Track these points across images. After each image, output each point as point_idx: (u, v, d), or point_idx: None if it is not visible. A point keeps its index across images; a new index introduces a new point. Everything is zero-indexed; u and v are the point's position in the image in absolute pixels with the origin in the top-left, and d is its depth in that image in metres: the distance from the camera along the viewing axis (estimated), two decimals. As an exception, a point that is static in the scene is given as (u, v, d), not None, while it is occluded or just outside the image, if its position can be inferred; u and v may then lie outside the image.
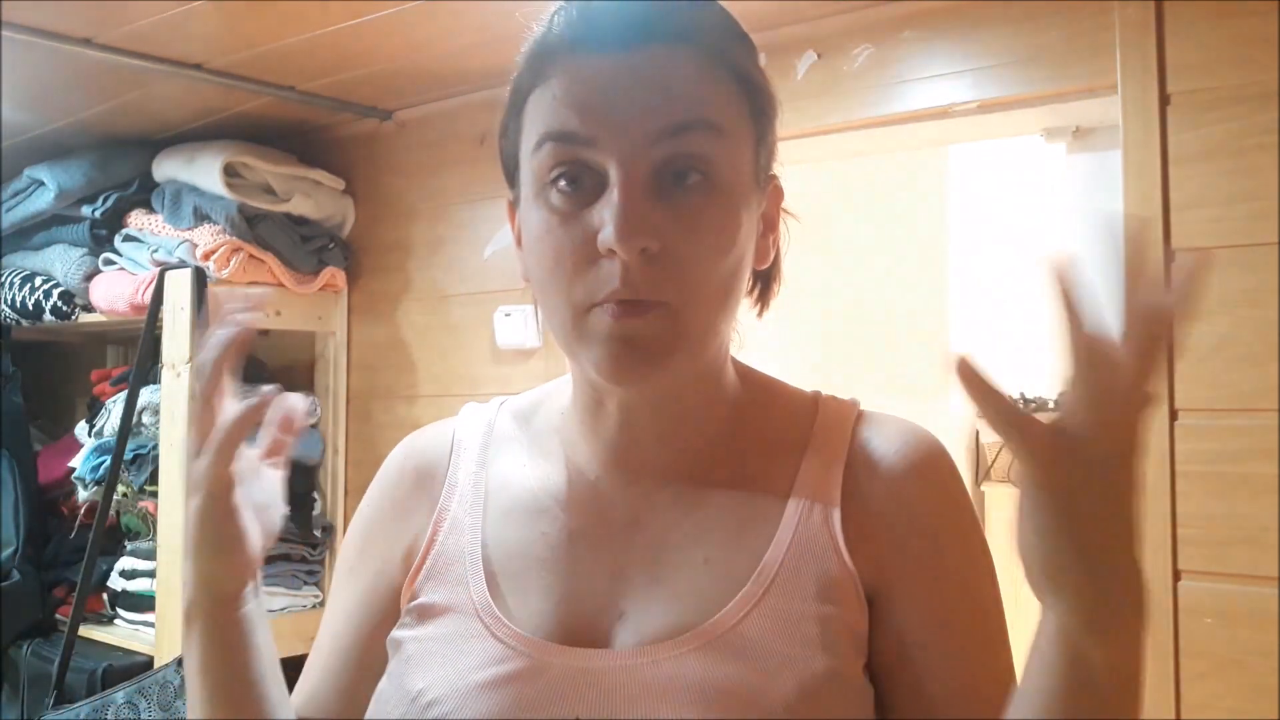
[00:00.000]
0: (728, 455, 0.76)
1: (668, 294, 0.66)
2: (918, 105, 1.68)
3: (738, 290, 0.72)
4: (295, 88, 2.09)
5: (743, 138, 0.69)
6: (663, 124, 0.65)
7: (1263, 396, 1.37)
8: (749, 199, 0.70)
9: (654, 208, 0.65)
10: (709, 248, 0.67)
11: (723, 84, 0.68)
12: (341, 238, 2.39)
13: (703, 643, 0.68)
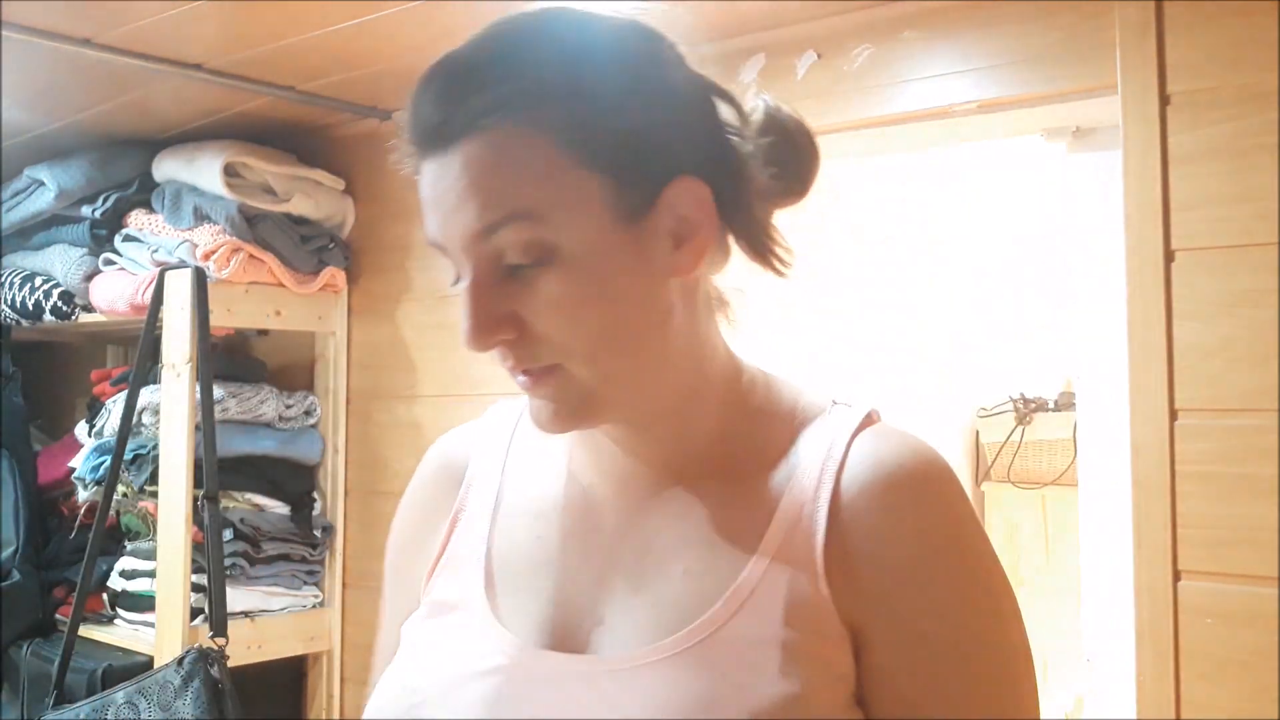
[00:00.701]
0: (719, 467, 0.73)
1: (555, 358, 0.68)
2: (918, 105, 1.68)
3: (639, 331, 0.68)
4: (295, 88, 2.09)
5: (579, 195, 0.65)
6: (475, 229, 0.66)
7: (1263, 396, 1.37)
8: (610, 248, 0.66)
9: (503, 298, 0.67)
10: (569, 318, 0.66)
11: (536, 153, 0.65)
12: (341, 238, 2.39)
13: (663, 658, 0.67)
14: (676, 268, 0.69)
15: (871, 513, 0.68)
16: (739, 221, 0.73)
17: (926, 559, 0.68)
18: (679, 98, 0.70)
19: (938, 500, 0.70)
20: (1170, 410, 1.43)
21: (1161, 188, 1.44)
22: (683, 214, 0.68)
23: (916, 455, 0.71)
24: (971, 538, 0.70)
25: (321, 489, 2.39)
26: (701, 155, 0.70)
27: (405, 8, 1.67)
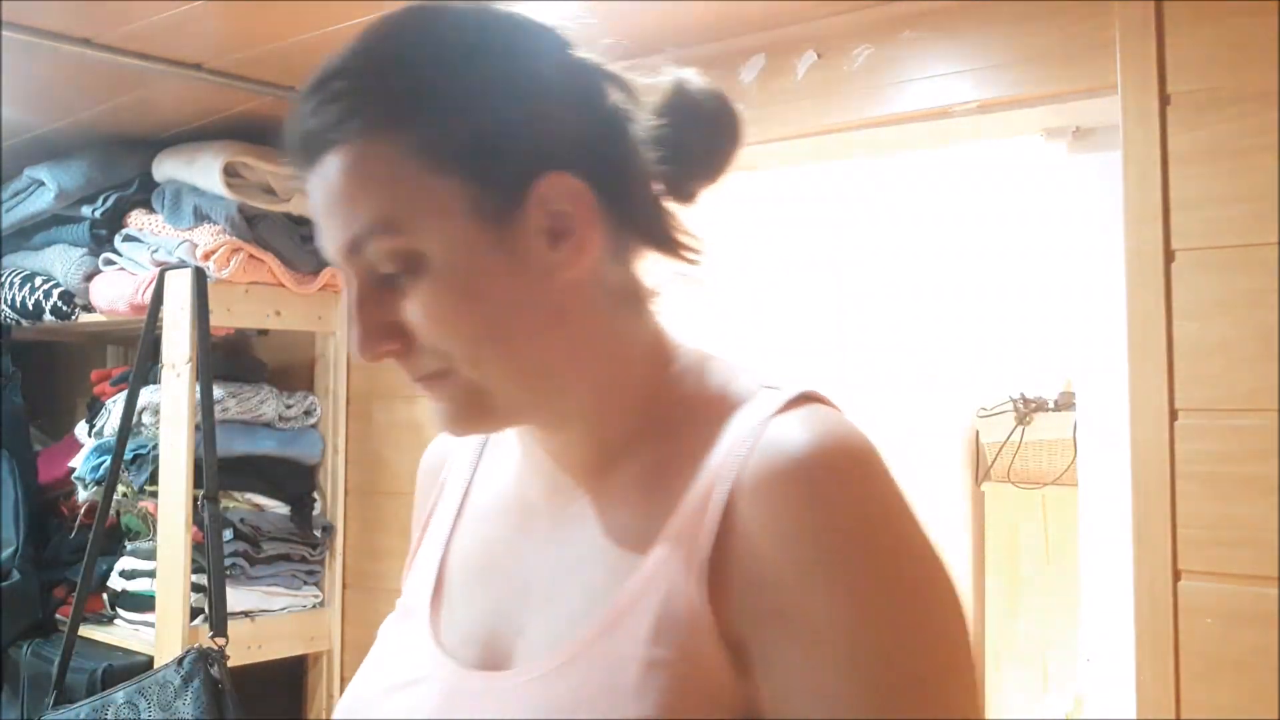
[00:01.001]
0: (641, 466, 0.69)
1: (441, 364, 0.66)
2: (918, 105, 1.68)
3: (524, 333, 0.66)
4: (295, 88, 2.09)
5: (437, 201, 0.63)
6: (343, 243, 0.65)
7: (1263, 396, 1.37)
8: (478, 251, 0.64)
9: (384, 309, 0.65)
10: (445, 325, 0.65)
11: (389, 163, 0.63)
12: (341, 238, 2.39)
13: (532, 678, 0.65)
14: (558, 265, 0.66)
15: (762, 510, 0.61)
16: (628, 212, 0.69)
17: (822, 562, 0.59)
18: (548, 89, 0.67)
19: (840, 491, 0.61)
20: (1170, 410, 1.43)
21: (1161, 188, 1.44)
22: (556, 210, 0.65)
23: (823, 440, 0.62)
24: (881, 532, 0.61)
25: (321, 489, 2.39)
26: (577, 147, 0.66)
27: (405, 8, 1.67)
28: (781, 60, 1.81)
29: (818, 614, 0.59)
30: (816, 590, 0.59)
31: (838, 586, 0.59)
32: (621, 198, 0.68)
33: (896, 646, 0.59)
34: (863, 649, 0.58)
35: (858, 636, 0.58)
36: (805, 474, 0.61)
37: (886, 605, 0.59)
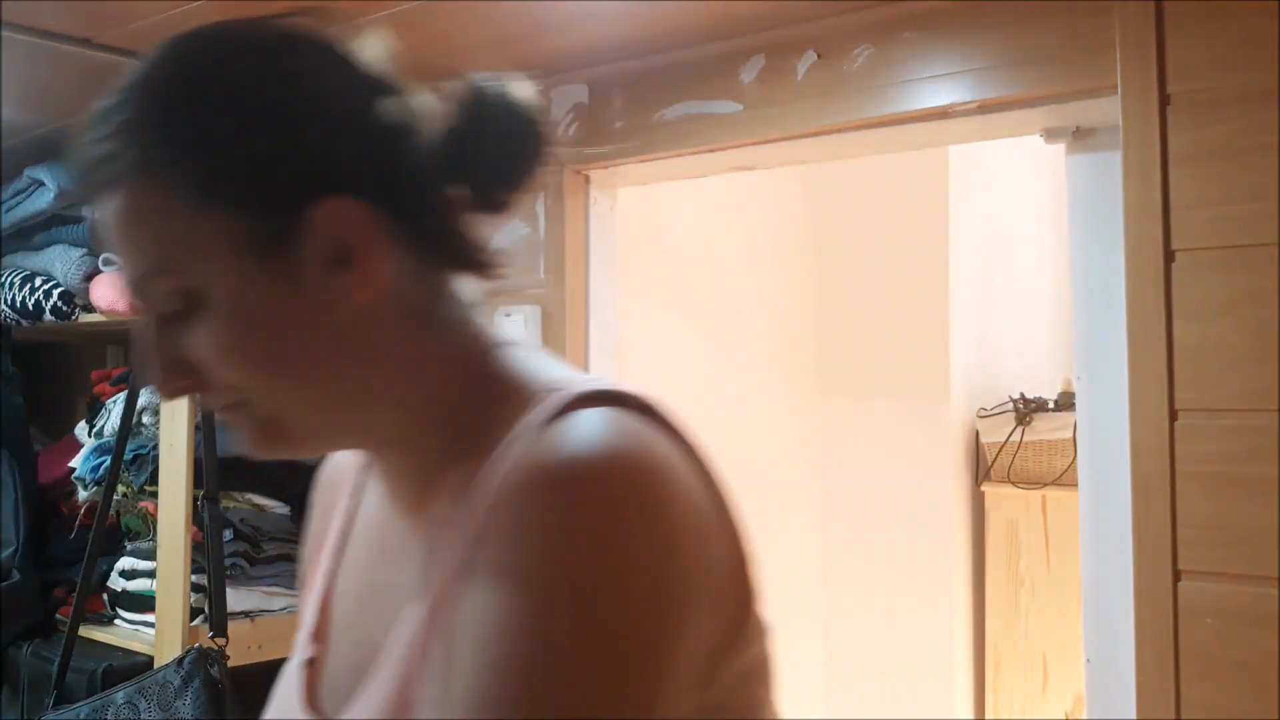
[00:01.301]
0: (451, 488, 0.65)
1: (234, 396, 0.65)
2: (918, 105, 1.68)
3: (312, 363, 0.64)
4: (295, 88, 2.09)
5: (205, 237, 0.62)
6: (129, 284, 0.66)
7: (1263, 396, 1.37)
8: (255, 285, 0.62)
9: (175, 348, 0.64)
10: (229, 360, 0.63)
11: (154, 203, 0.62)
12: (341, 238, 2.39)
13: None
14: (343, 292, 0.63)
15: (494, 521, 0.58)
16: (420, 231, 0.66)
17: (508, 571, 0.56)
18: (319, 113, 0.64)
19: (552, 509, 0.56)
20: (1170, 410, 1.42)
21: (1161, 188, 1.44)
22: (335, 236, 0.62)
23: (563, 455, 0.58)
24: (575, 559, 0.55)
25: (321, 489, 2.39)
26: (356, 170, 0.64)
27: (405, 8, 1.66)
28: (781, 60, 1.81)
29: (485, 620, 0.56)
30: (493, 594, 0.56)
31: (511, 597, 0.56)
32: (411, 217, 0.65)
33: (532, 681, 0.54)
34: (496, 672, 0.55)
35: (497, 656, 0.55)
36: (530, 486, 0.57)
37: (545, 631, 0.55)
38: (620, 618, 0.55)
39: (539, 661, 0.54)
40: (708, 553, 0.61)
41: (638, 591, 0.56)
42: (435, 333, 0.68)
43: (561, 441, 0.59)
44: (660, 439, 0.62)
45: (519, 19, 1.75)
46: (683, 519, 0.59)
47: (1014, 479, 2.89)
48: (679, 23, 1.80)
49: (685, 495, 0.60)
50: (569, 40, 1.87)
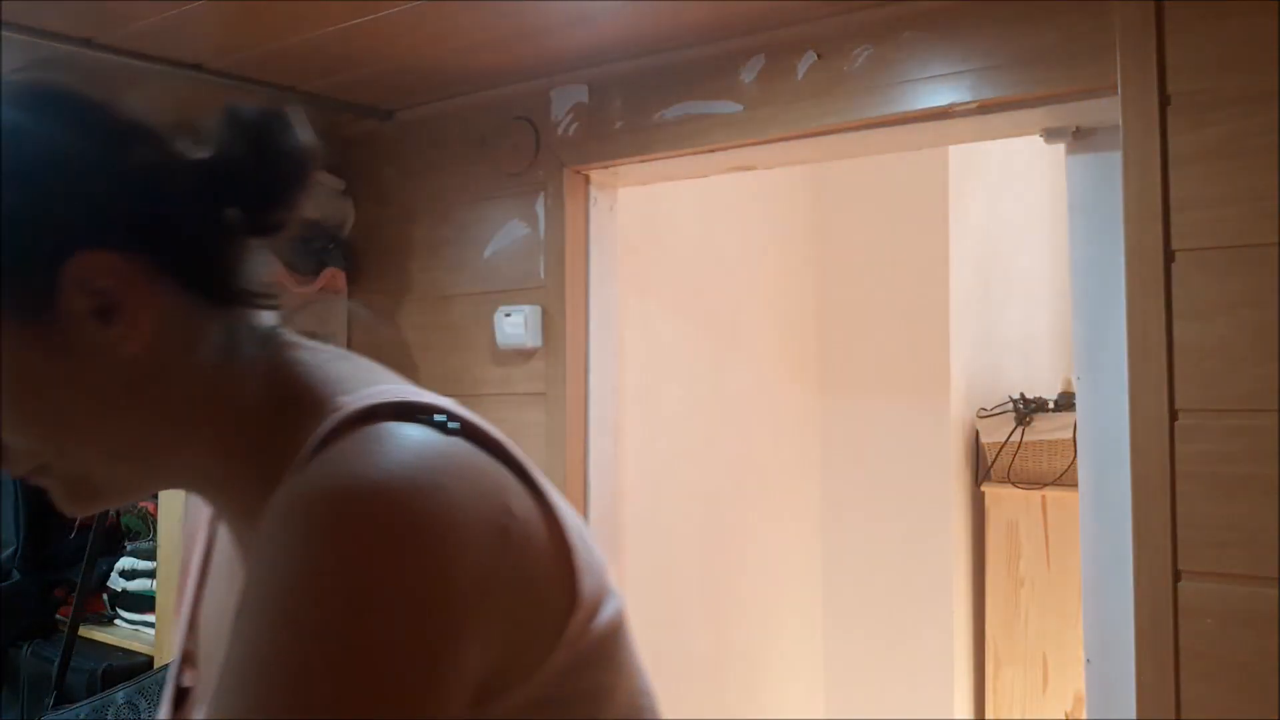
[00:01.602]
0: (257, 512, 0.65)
1: (36, 459, 0.64)
2: (918, 105, 1.68)
3: (97, 416, 0.63)
4: (295, 88, 2.09)
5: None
6: None
7: (1263, 396, 1.37)
8: (21, 348, 0.61)
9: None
10: (14, 426, 0.62)
11: None
12: (341, 238, 2.39)
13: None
14: (113, 344, 0.62)
15: (257, 548, 0.58)
16: (186, 273, 0.64)
17: (251, 595, 0.57)
18: (64, 168, 0.62)
19: (309, 531, 0.56)
20: (1170, 410, 1.43)
21: (1161, 188, 1.44)
22: (96, 289, 0.61)
23: (312, 481, 0.58)
24: (321, 587, 0.55)
25: (321, 489, 2.39)
26: (108, 218, 0.62)
27: (405, 8, 1.67)
28: (781, 60, 1.81)
29: (231, 642, 0.56)
30: (239, 613, 0.57)
31: (249, 617, 0.56)
32: (178, 259, 0.64)
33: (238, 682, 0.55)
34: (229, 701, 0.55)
35: (229, 683, 0.55)
36: (279, 514, 0.57)
37: (251, 637, 0.55)
38: (358, 640, 0.54)
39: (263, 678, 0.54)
40: (498, 567, 0.60)
41: (383, 613, 0.55)
42: (227, 367, 0.67)
43: (320, 468, 0.58)
44: (447, 449, 0.61)
45: (519, 19, 1.75)
46: (449, 538, 0.57)
47: (1014, 479, 2.89)
48: (679, 23, 1.80)
49: (459, 512, 0.58)
50: (569, 40, 1.87)
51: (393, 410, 0.62)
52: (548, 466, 2.05)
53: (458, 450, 0.61)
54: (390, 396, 0.63)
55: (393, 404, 0.63)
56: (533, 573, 0.62)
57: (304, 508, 0.56)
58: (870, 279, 3.07)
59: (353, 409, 0.62)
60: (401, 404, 0.63)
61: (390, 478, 0.57)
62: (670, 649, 2.55)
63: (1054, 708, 2.83)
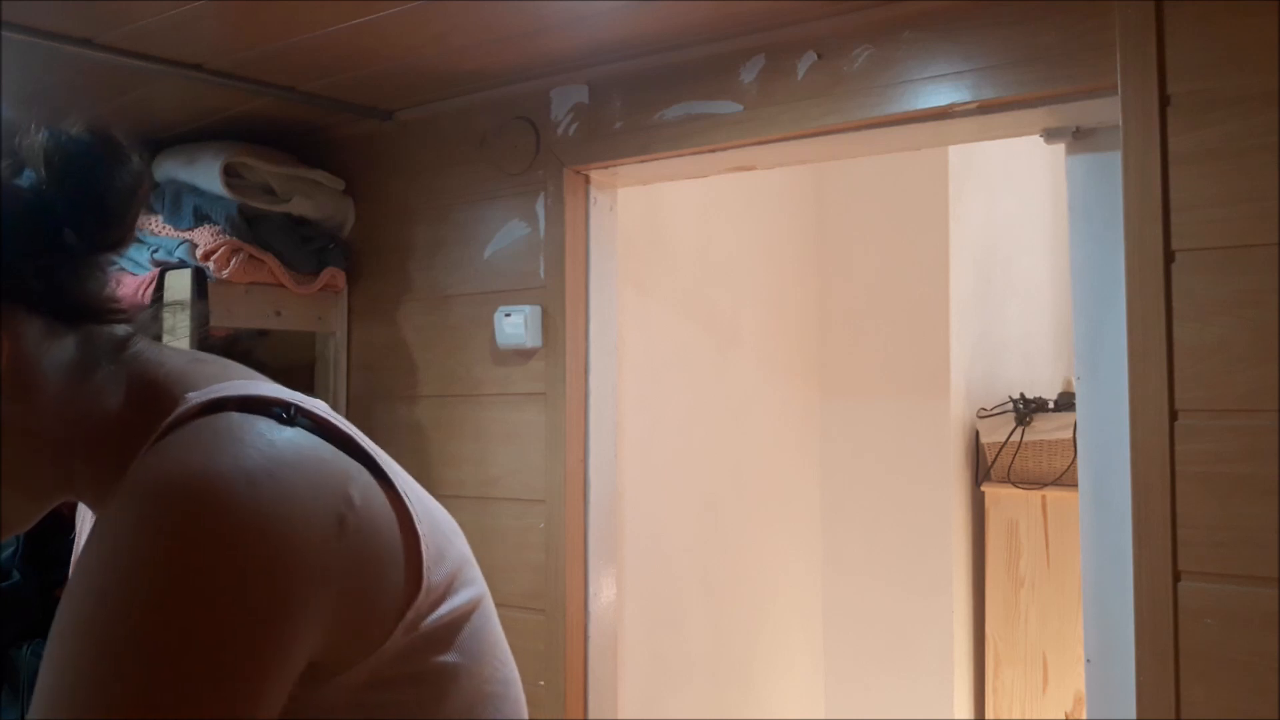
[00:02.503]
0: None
1: None
2: (918, 105, 1.68)
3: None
4: (295, 88, 2.09)
5: None
6: None
7: (1263, 396, 1.37)
8: None
9: None
10: None
11: None
12: (342, 238, 2.39)
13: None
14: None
15: (95, 529, 0.61)
16: (33, 299, 0.66)
17: (77, 574, 0.59)
18: None
19: (138, 515, 0.59)
20: (1170, 410, 1.43)
21: (1161, 188, 1.44)
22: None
23: (155, 472, 0.60)
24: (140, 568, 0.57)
25: (321, 489, 2.39)
26: None
27: (405, 8, 1.67)
28: (781, 60, 1.81)
29: (56, 617, 0.58)
30: (64, 597, 0.59)
31: (70, 603, 0.58)
32: (24, 284, 0.65)
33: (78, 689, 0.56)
34: (52, 675, 0.57)
35: (54, 658, 0.57)
36: (118, 502, 0.60)
37: (73, 620, 0.57)
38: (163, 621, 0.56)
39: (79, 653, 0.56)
40: (332, 554, 0.62)
41: (196, 597, 0.57)
42: (86, 381, 0.68)
43: (155, 456, 0.61)
44: (287, 440, 0.63)
45: (519, 19, 1.75)
46: (277, 525, 0.59)
47: (1014, 479, 2.89)
48: (679, 23, 1.80)
49: (291, 501, 0.60)
50: (569, 40, 1.87)
51: (238, 403, 0.64)
52: (548, 466, 2.05)
53: (298, 442, 0.63)
54: (236, 390, 0.66)
55: (238, 397, 0.65)
56: (372, 559, 0.65)
57: (136, 491, 0.59)
58: (870, 279, 3.07)
59: (197, 402, 0.65)
60: (247, 398, 0.65)
61: (221, 466, 0.59)
62: (670, 649, 2.55)
63: (1054, 708, 2.83)
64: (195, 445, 0.61)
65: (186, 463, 0.60)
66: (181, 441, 0.62)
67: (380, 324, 2.36)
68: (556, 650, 2.04)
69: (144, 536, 0.58)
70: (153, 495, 0.59)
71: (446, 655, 0.69)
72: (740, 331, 2.84)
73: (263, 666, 0.58)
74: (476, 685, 0.71)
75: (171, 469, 0.60)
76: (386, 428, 2.33)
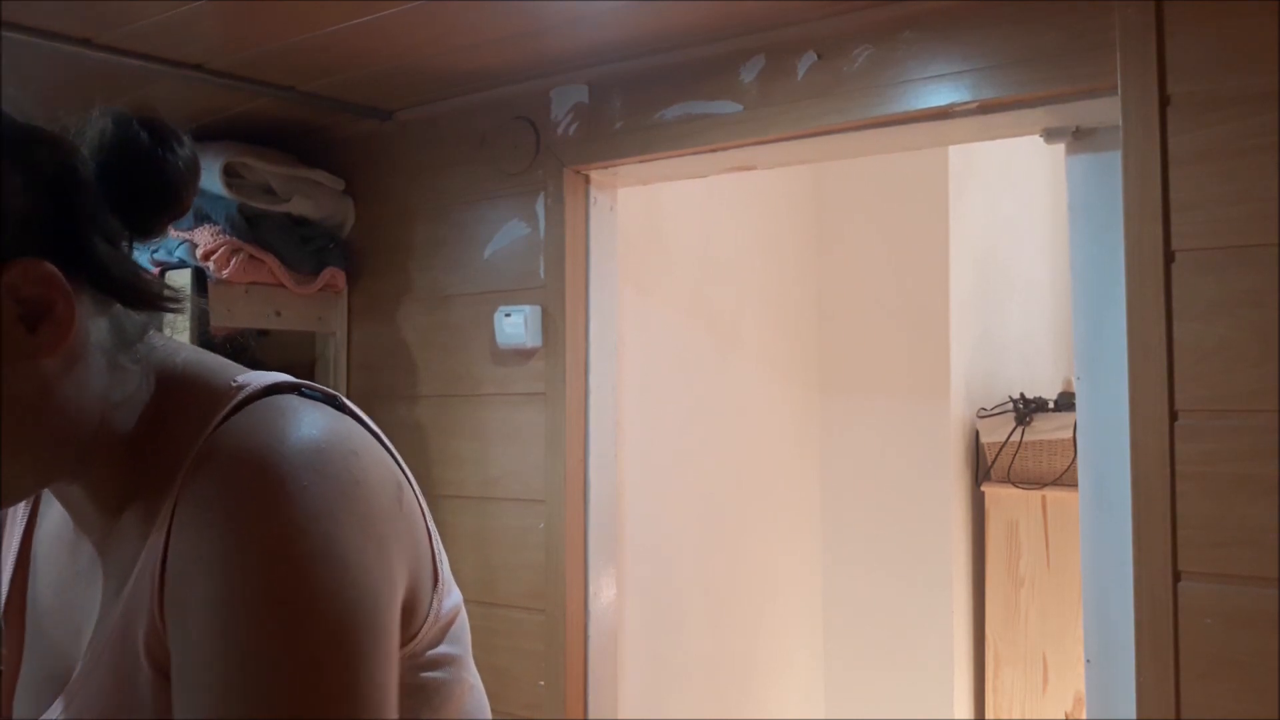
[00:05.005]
0: (144, 496, 0.68)
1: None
2: (918, 105, 1.68)
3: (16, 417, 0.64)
4: (295, 88, 2.09)
5: None
6: None
7: (1263, 396, 1.37)
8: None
9: None
10: None
11: None
12: (341, 238, 2.39)
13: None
14: (40, 348, 0.64)
15: (183, 510, 0.62)
16: (96, 279, 0.67)
17: (201, 559, 0.60)
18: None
19: (239, 492, 0.60)
20: (1170, 410, 1.43)
21: (1161, 188, 1.44)
22: (25, 297, 0.63)
23: (244, 442, 0.62)
24: (259, 539, 0.59)
25: (321, 489, 2.39)
26: (29, 227, 0.64)
27: (405, 8, 1.67)
28: (781, 60, 1.81)
29: (190, 608, 0.60)
30: (194, 584, 0.60)
31: (207, 585, 0.59)
32: (87, 262, 0.66)
33: (242, 657, 0.57)
34: (209, 654, 0.58)
35: (207, 639, 0.58)
36: (213, 473, 0.62)
37: (240, 614, 0.58)
38: (319, 604, 0.59)
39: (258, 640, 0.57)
40: (398, 530, 0.66)
41: (328, 576, 0.59)
42: (118, 363, 0.70)
43: (248, 433, 0.63)
44: (348, 422, 0.67)
45: (519, 19, 1.75)
46: (374, 496, 0.64)
47: (1014, 479, 2.89)
48: (679, 23, 1.80)
49: (375, 471, 0.66)
50: (569, 40, 1.87)
51: (293, 389, 0.68)
52: (548, 466, 2.06)
53: (355, 426, 0.68)
54: (286, 379, 0.69)
55: (291, 383, 0.68)
56: (418, 540, 0.69)
57: (239, 462, 0.61)
58: (870, 279, 3.07)
59: (259, 384, 0.67)
60: (298, 384, 0.69)
61: (316, 438, 0.63)
62: (670, 648, 2.55)
63: (1054, 708, 2.83)
64: (286, 418, 0.63)
65: (286, 433, 0.62)
66: (266, 416, 0.64)
67: (380, 324, 2.36)
68: (556, 650, 2.04)
69: (271, 502, 0.59)
70: (260, 465, 0.60)
71: (450, 647, 0.72)
72: (740, 331, 2.84)
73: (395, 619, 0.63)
74: (466, 677, 0.75)
75: (272, 439, 0.62)
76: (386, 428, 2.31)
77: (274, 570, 0.58)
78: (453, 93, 2.18)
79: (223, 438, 0.63)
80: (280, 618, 0.58)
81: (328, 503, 0.60)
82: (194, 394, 0.69)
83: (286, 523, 0.59)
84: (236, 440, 0.63)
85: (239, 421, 0.64)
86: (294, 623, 0.58)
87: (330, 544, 0.59)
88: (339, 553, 0.60)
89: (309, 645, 0.58)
